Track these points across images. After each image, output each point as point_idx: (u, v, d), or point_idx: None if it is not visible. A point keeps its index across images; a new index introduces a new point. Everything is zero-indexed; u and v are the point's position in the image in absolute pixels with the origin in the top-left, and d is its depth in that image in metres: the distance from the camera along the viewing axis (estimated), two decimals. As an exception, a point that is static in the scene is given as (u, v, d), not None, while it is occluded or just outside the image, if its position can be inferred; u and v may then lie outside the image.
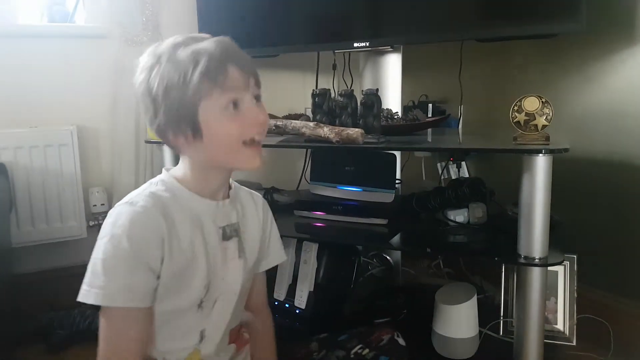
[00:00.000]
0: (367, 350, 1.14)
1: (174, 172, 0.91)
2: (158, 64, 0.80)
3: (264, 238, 1.04)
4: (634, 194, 1.46)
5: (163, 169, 0.92)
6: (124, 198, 0.84)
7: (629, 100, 1.45)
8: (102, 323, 0.81)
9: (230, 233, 0.93)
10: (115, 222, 0.80)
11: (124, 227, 0.79)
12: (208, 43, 0.80)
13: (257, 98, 0.86)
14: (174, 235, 0.83)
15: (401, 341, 1.16)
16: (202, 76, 0.78)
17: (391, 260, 1.84)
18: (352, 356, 1.13)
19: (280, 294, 1.55)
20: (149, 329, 0.85)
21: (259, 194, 1.06)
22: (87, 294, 0.78)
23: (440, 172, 1.95)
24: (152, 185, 0.88)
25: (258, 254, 1.02)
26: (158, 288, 0.83)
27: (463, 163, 1.94)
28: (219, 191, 0.91)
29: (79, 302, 0.79)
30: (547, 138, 1.16)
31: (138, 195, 0.84)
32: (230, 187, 0.95)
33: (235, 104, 0.81)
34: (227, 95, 0.80)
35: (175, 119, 0.81)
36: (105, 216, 0.85)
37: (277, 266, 1.56)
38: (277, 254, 1.09)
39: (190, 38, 0.82)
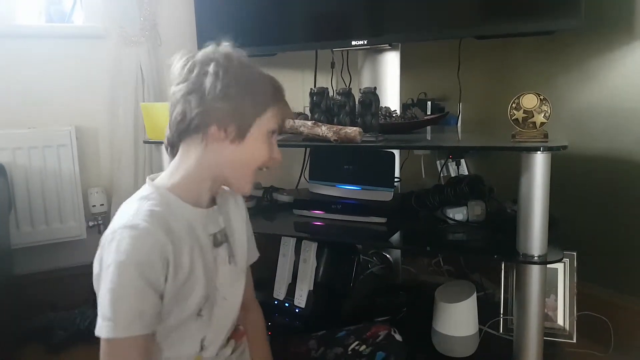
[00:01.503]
0: (364, 347, 1.14)
1: (161, 182, 0.89)
2: (229, 65, 0.84)
3: (248, 235, 1.04)
4: (633, 191, 1.46)
5: (147, 179, 0.90)
6: (122, 218, 0.81)
7: (628, 97, 1.45)
8: (106, 351, 0.78)
9: (220, 239, 0.93)
10: (119, 248, 0.77)
11: (128, 252, 0.76)
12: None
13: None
14: (178, 250, 0.82)
15: (398, 336, 1.16)
16: (274, 93, 0.87)
17: (391, 259, 1.84)
18: (349, 353, 1.14)
19: (279, 293, 1.55)
20: (151, 351, 0.83)
21: None
22: (100, 328, 0.76)
23: (439, 169, 1.95)
24: (144, 200, 0.84)
25: (248, 253, 1.02)
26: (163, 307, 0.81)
27: (462, 160, 1.94)
28: (208, 198, 0.91)
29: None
30: (546, 135, 1.15)
31: (136, 215, 0.80)
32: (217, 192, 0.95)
33: (274, 133, 0.90)
34: (277, 120, 0.89)
35: (233, 114, 0.83)
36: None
37: (276, 265, 1.58)
38: (254, 250, 1.09)
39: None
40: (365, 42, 1.63)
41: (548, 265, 1.20)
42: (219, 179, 0.90)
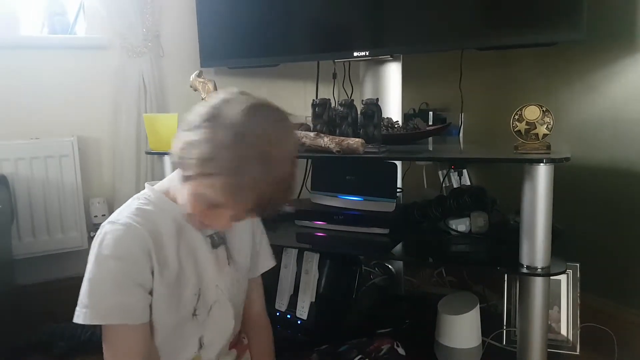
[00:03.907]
0: None
1: (157, 187, 0.94)
2: (243, 145, 0.74)
3: (254, 242, 1.06)
4: (636, 202, 1.45)
5: (146, 184, 0.95)
6: (111, 215, 0.86)
7: (630, 108, 1.45)
8: (104, 342, 0.83)
9: (218, 241, 0.96)
10: (101, 242, 0.82)
11: (109, 247, 0.81)
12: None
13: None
14: (161, 246, 0.85)
15: (401, 350, 1.16)
16: (255, 204, 0.78)
17: (393, 270, 1.84)
18: None
19: (281, 304, 1.55)
20: (149, 343, 0.86)
21: None
22: (77, 314, 0.80)
23: (441, 180, 1.95)
24: (135, 199, 0.90)
25: (250, 256, 1.04)
26: (154, 302, 0.84)
27: (464, 171, 1.94)
28: None
29: None
30: (548, 147, 1.15)
31: (121, 213, 0.86)
32: None
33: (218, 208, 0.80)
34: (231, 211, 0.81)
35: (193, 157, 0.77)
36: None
37: (278, 277, 1.57)
38: (268, 259, 1.11)
39: (266, 151, 0.76)
40: (367, 54, 1.64)
41: (551, 277, 1.20)
42: None
